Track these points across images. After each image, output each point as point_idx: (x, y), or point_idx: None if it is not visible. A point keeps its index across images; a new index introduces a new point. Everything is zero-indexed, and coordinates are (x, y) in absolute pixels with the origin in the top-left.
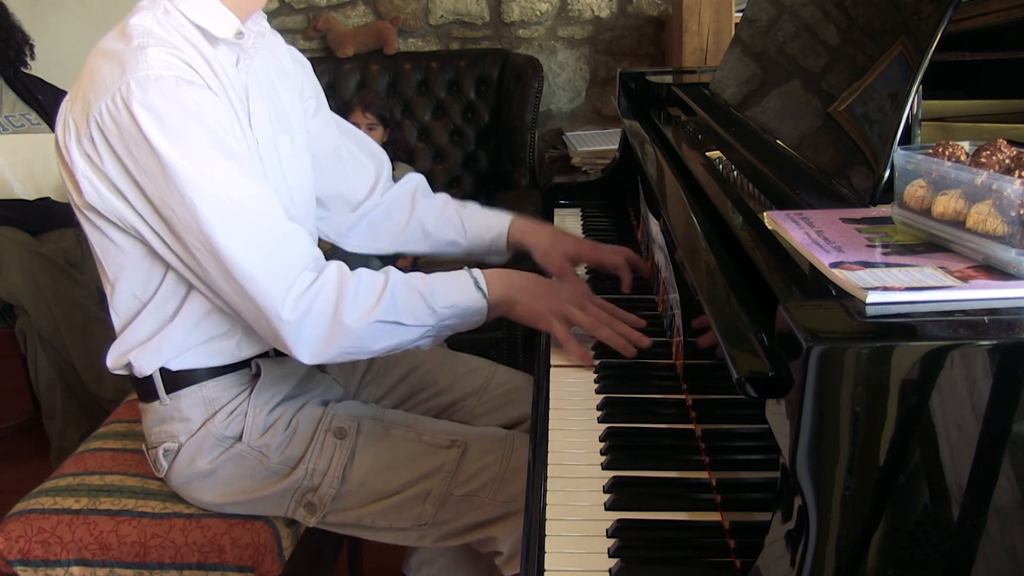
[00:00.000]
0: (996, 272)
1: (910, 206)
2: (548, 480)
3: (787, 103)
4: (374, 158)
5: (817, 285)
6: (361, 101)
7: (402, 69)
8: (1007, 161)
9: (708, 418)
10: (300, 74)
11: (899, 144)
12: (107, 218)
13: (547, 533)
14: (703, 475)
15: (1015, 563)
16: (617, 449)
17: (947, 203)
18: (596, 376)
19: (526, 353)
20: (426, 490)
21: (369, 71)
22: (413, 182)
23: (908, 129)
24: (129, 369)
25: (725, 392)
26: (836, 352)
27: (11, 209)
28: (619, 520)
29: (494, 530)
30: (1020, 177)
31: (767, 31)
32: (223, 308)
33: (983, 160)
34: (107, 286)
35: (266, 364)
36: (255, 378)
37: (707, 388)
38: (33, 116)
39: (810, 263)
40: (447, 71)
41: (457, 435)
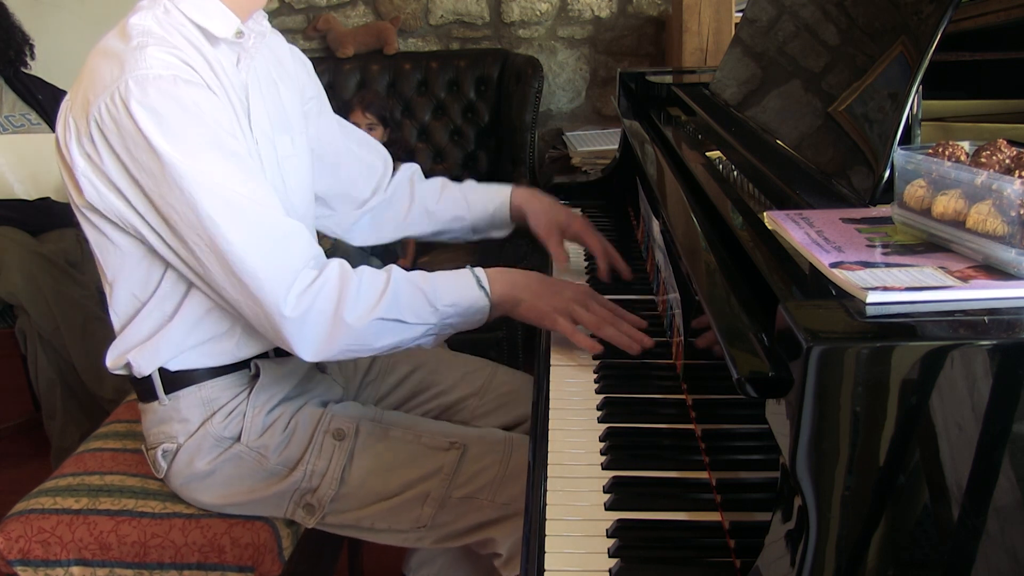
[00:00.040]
0: (996, 272)
1: (910, 206)
2: (548, 480)
3: (787, 103)
4: (379, 156)
5: (817, 285)
6: (361, 101)
7: (402, 69)
8: (1007, 161)
9: (708, 418)
10: (301, 74)
11: (899, 144)
12: (107, 217)
13: (547, 533)
14: (703, 475)
15: (1015, 563)
16: (617, 449)
17: (947, 203)
18: (596, 376)
19: (526, 353)
20: (425, 492)
21: (369, 71)
22: (409, 170)
23: (908, 129)
24: (128, 369)
25: (725, 392)
26: (836, 352)
27: (11, 209)
28: (619, 520)
29: (493, 532)
30: (1020, 177)
31: (767, 31)
32: (224, 306)
33: (983, 160)
34: (106, 286)
35: (265, 365)
36: (254, 379)
37: (707, 388)
38: (33, 116)
39: (810, 263)
40: (447, 71)
41: (456, 437)
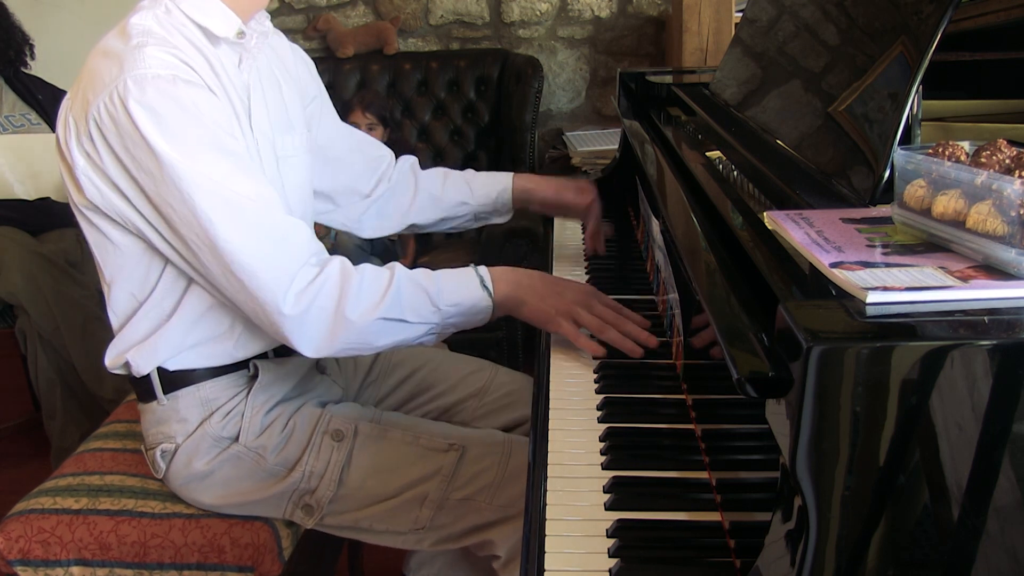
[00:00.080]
0: (996, 272)
1: (910, 206)
2: (548, 480)
3: (787, 103)
4: (381, 148)
5: (817, 285)
6: (361, 101)
7: (402, 69)
8: (1007, 161)
9: (708, 418)
10: (303, 73)
11: (899, 144)
12: (107, 216)
13: (547, 533)
14: (703, 475)
15: (1015, 563)
16: (617, 449)
17: (947, 203)
18: (596, 376)
19: (526, 353)
20: (423, 493)
21: (369, 71)
22: (408, 161)
23: (908, 129)
24: (127, 369)
25: (725, 392)
26: (836, 352)
27: (11, 209)
28: (619, 520)
29: (492, 534)
30: (1020, 177)
31: (767, 31)
32: (224, 303)
33: (983, 160)
34: (104, 286)
35: (264, 365)
36: (253, 379)
37: (707, 388)
38: (33, 116)
39: (810, 263)
40: (447, 71)
41: (455, 438)
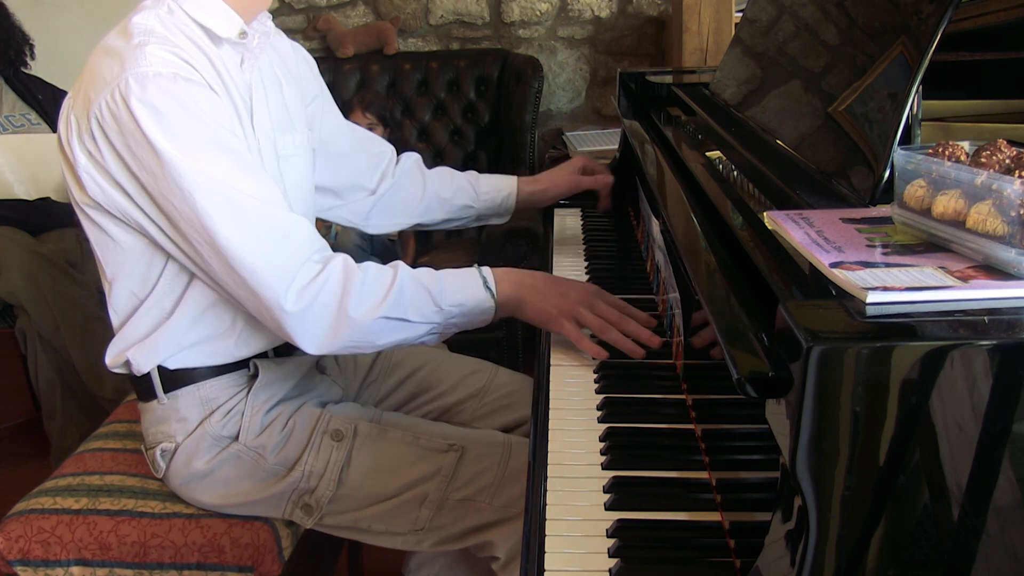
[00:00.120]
0: (996, 272)
1: (910, 206)
2: (548, 480)
3: (787, 103)
4: (382, 144)
5: (817, 285)
6: (361, 101)
7: (402, 69)
8: (1007, 161)
9: (708, 418)
10: (305, 72)
11: (899, 144)
12: (108, 213)
13: (547, 533)
14: (703, 475)
15: (1015, 563)
16: (617, 449)
17: (947, 203)
18: (596, 376)
19: (526, 353)
20: (423, 494)
21: (369, 71)
22: (412, 157)
23: (908, 129)
24: (127, 367)
25: (725, 392)
26: (836, 352)
27: (11, 209)
28: (619, 520)
29: (491, 535)
30: (1020, 177)
31: (767, 31)
32: (227, 300)
33: (983, 160)
34: (105, 284)
35: (264, 364)
36: (253, 378)
37: (707, 388)
38: (33, 116)
39: (810, 263)
40: (447, 71)
41: (454, 439)
